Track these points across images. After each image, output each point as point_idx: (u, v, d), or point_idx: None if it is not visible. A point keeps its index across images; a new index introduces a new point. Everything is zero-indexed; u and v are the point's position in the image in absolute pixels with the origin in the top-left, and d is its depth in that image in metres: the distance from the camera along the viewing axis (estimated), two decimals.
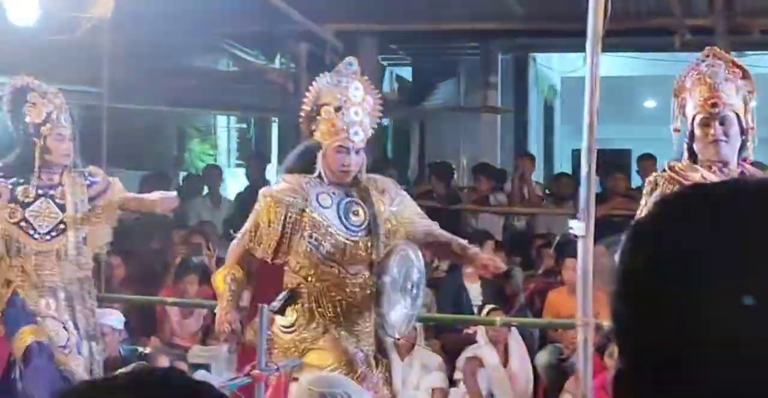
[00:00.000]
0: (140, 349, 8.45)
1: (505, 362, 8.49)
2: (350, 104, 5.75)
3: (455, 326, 9.27)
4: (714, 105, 5.62)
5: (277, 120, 16.81)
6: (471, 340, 8.70)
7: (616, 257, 1.09)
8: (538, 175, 14.57)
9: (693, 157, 5.75)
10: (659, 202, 1.11)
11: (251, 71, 14.75)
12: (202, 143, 17.54)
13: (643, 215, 1.12)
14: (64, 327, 6.59)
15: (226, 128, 18.30)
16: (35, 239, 6.62)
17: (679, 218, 1.09)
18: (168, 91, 13.18)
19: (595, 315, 6.02)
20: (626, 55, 15.65)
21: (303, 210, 5.64)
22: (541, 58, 17.26)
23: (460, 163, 14.94)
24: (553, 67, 17.77)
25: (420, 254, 5.95)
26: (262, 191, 5.83)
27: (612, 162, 12.85)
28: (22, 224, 6.61)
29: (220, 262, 9.90)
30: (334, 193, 5.76)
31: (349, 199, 5.78)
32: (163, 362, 8.12)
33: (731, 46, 11.53)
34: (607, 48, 6.58)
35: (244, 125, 18.55)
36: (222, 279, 5.90)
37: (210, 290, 9.36)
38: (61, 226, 6.65)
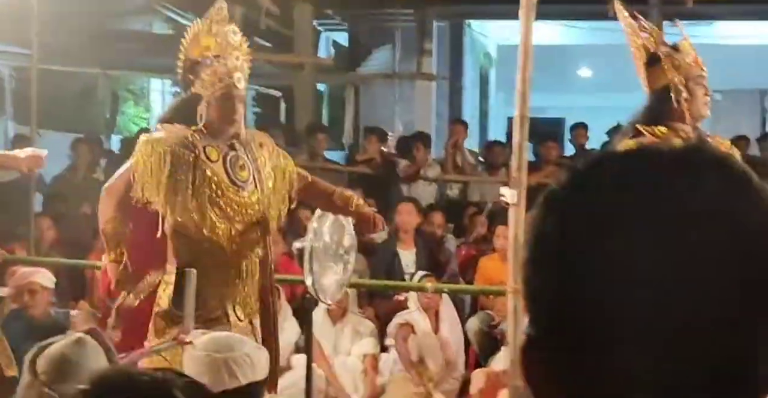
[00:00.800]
0: (72, 312, 8.38)
1: (436, 328, 8.53)
2: (231, 49, 5.41)
3: (387, 292, 9.29)
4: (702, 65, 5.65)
5: None
6: (403, 307, 8.73)
7: None
8: (473, 143, 14.62)
9: (663, 119, 5.65)
10: (570, 168, 1.12)
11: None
12: (136, 106, 17.41)
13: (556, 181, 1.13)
14: None
15: (160, 91, 18.16)
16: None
17: (588, 182, 1.10)
18: (102, 54, 13.04)
19: None
20: (560, 23, 15.71)
21: (194, 163, 5.27)
22: (476, 25, 17.26)
23: (395, 129, 14.94)
24: (488, 34, 17.78)
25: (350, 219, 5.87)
26: (143, 137, 5.39)
27: (545, 131, 12.91)
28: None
29: None
30: (218, 146, 5.37)
31: (234, 153, 5.40)
32: (89, 325, 8.06)
33: (664, 16, 11.63)
34: (540, 16, 6.59)
35: (178, 89, 18.42)
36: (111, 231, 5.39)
37: None
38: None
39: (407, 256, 9.55)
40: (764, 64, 14.72)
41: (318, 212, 5.84)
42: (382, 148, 12.56)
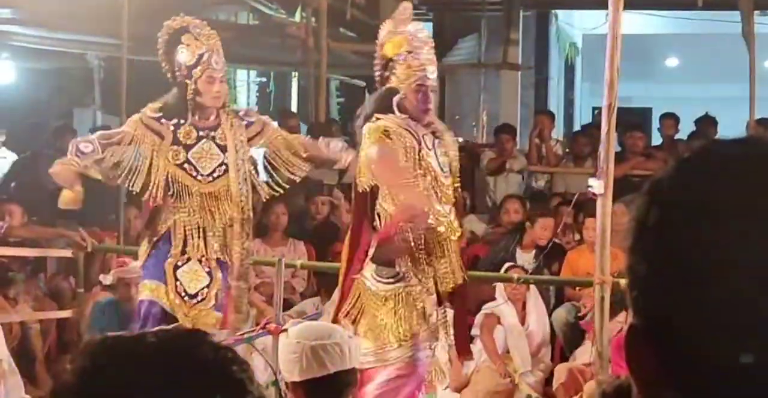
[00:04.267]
0: None
1: (523, 320, 8.50)
2: (421, 44, 5.75)
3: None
4: None
5: (296, 74, 16.78)
6: (490, 297, 8.70)
7: None
8: (558, 133, 14.53)
9: None
10: (679, 158, 1.11)
11: (272, 25, 14.73)
12: None
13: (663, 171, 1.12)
14: (209, 273, 6.54)
15: (245, 82, 18.29)
16: (198, 180, 6.53)
17: (695, 173, 1.09)
18: None
19: (613, 274, 6.03)
20: (649, 12, 15.55)
21: (420, 150, 5.61)
22: (562, 14, 17.16)
23: (480, 119, 14.90)
24: (574, 24, 17.67)
25: None
26: (371, 125, 5.66)
27: (631, 121, 12.78)
28: (186, 166, 6.51)
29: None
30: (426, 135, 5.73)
31: (438, 140, 5.77)
32: None
33: (755, 4, 11.46)
34: (628, 5, 6.54)
35: (264, 79, 18.53)
36: None
37: None
38: (223, 167, 6.56)
39: None
40: None
41: None
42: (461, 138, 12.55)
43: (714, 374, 1.04)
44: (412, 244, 5.55)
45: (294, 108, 16.69)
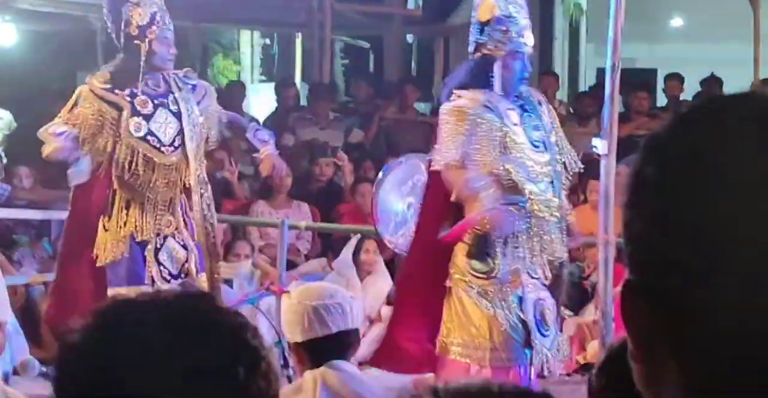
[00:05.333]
0: None
1: None
2: (518, 8, 5.56)
3: None
4: None
5: (300, 36, 16.71)
6: None
7: None
8: (562, 93, 14.47)
9: None
10: (675, 113, 1.10)
11: None
12: (225, 58, 17.48)
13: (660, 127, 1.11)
14: (183, 246, 6.25)
15: (249, 43, 18.20)
16: (162, 152, 6.19)
17: (694, 128, 1.08)
18: (191, 7, 13.10)
19: (617, 234, 6.03)
20: None
21: (501, 128, 5.41)
22: None
23: None
24: None
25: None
26: (447, 105, 5.51)
27: (636, 82, 12.73)
28: (149, 137, 6.15)
29: (241, 177, 9.95)
30: (514, 109, 5.53)
31: (527, 114, 5.61)
32: None
33: None
34: None
35: (268, 41, 18.45)
36: None
37: (230, 206, 9.42)
38: (180, 136, 6.22)
39: None
40: None
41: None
42: None
43: (706, 332, 1.03)
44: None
45: (298, 70, 16.62)
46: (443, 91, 5.73)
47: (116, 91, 6.17)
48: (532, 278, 5.56)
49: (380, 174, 6.39)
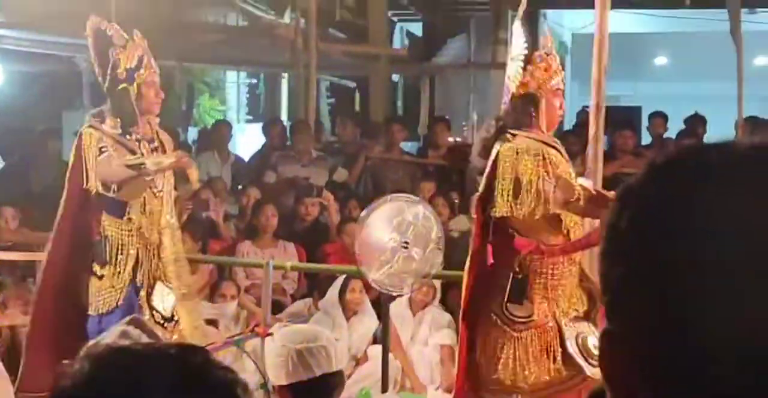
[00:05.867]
0: None
1: None
2: (550, 49, 5.67)
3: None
4: None
5: (287, 75, 16.77)
6: None
7: None
8: None
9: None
10: (649, 162, 1.10)
11: (261, 26, 14.69)
12: (212, 98, 17.52)
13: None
14: (170, 286, 6.20)
15: (235, 83, 18.25)
16: (155, 195, 6.15)
17: (664, 177, 1.09)
18: (177, 46, 13.13)
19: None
20: (637, 11, 15.57)
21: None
22: (551, 14, 17.16)
23: (470, 119, 14.89)
24: (563, 23, 17.68)
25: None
26: (507, 145, 5.49)
27: (621, 120, 12.77)
28: (151, 184, 6.12)
29: (227, 218, 9.93)
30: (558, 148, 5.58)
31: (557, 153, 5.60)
32: None
33: (742, 3, 11.47)
34: (617, 4, 6.55)
35: (254, 80, 18.50)
36: None
37: (216, 246, 9.40)
38: (163, 179, 6.17)
39: None
40: None
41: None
42: (451, 138, 12.51)
43: (689, 381, 1.03)
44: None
45: (284, 109, 16.67)
46: (488, 128, 5.73)
47: (127, 136, 6.12)
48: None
49: (364, 213, 6.39)
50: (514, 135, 5.50)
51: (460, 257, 9.22)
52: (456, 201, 10.55)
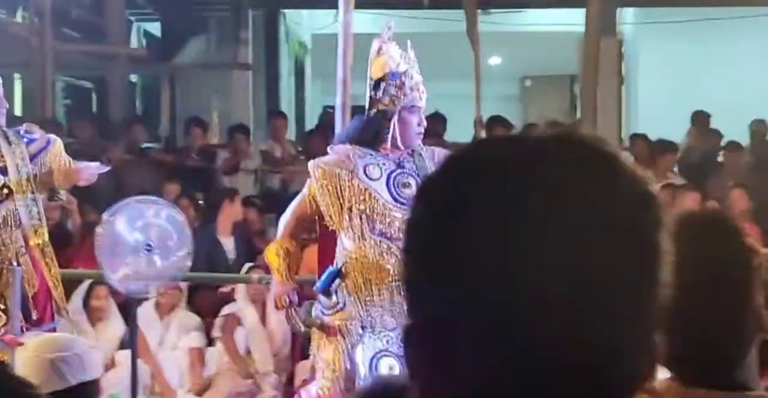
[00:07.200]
0: None
1: (264, 320, 8.49)
2: (412, 63, 5.51)
3: (212, 284, 9.19)
4: None
5: (20, 76, 16.26)
6: (229, 298, 8.66)
7: None
8: (290, 132, 14.59)
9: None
10: (446, 157, 1.12)
11: None
12: None
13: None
14: (3, 310, 5.61)
15: None
16: None
17: (455, 172, 1.10)
18: None
19: None
20: (374, 12, 15.80)
21: (351, 181, 5.35)
22: (291, 14, 17.23)
23: (212, 120, 14.80)
24: (303, 23, 17.76)
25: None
26: (312, 163, 5.46)
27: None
28: None
29: None
30: (384, 164, 5.42)
31: (400, 171, 5.45)
32: None
33: (477, 4, 11.81)
34: (356, 5, 6.64)
35: None
36: (275, 253, 5.52)
37: None
38: (5, 191, 5.88)
39: (228, 243, 9.55)
40: (573, 51, 15.06)
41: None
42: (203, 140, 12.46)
43: (475, 374, 1.04)
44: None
45: (18, 110, 16.16)
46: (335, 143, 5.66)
47: None
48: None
49: (106, 215, 6.26)
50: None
51: (207, 259, 9.20)
52: (201, 202, 10.50)
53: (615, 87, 14.84)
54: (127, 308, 7.17)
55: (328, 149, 5.54)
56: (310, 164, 5.48)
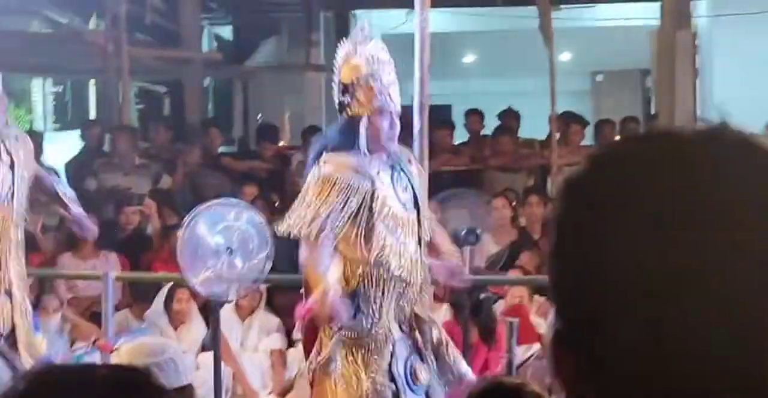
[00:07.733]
0: None
1: None
2: (382, 65, 5.34)
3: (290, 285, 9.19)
4: None
5: (95, 82, 16.45)
6: None
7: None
8: None
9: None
10: (589, 158, 1.09)
11: (67, 33, 14.38)
12: (17, 107, 17.07)
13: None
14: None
15: (41, 91, 17.82)
16: None
17: (602, 169, 1.07)
18: None
19: None
20: (447, 10, 15.77)
21: (373, 192, 5.22)
22: (362, 15, 17.24)
23: (284, 122, 14.85)
24: (373, 24, 17.77)
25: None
26: (316, 177, 5.31)
27: (434, 118, 12.89)
28: None
29: (45, 229, 9.66)
30: (384, 169, 5.34)
31: (397, 174, 5.38)
32: None
33: (551, 0, 11.72)
34: (431, 4, 6.61)
35: (60, 88, 18.10)
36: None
37: (36, 260, 9.13)
38: (10, 189, 6.07)
39: None
40: (644, 45, 14.93)
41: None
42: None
43: (626, 381, 1.02)
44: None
45: (93, 116, 16.33)
46: (310, 152, 5.59)
47: None
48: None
49: (186, 218, 6.27)
50: (325, 162, 5.41)
51: (285, 260, 9.20)
52: (276, 204, 10.52)
53: (690, 81, 14.68)
54: (209, 310, 7.19)
55: (328, 157, 5.35)
56: (336, 175, 5.28)
